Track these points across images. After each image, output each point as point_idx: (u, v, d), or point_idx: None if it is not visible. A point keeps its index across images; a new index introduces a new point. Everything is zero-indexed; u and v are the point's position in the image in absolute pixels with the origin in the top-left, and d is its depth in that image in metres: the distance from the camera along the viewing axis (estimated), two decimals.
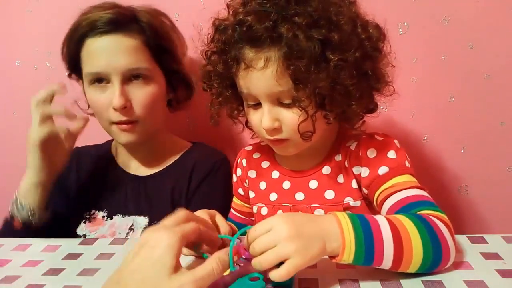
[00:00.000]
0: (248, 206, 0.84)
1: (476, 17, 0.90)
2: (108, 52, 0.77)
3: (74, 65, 0.83)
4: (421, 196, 0.61)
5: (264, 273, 0.49)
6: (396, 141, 0.69)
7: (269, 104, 0.63)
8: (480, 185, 1.00)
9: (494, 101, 0.94)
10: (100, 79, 0.78)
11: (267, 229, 0.49)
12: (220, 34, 0.65)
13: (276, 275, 0.47)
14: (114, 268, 0.59)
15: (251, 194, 0.81)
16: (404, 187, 0.62)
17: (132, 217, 0.86)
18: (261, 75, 0.61)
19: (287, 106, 0.63)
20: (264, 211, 0.77)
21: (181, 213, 0.52)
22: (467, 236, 0.63)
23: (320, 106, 0.62)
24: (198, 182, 0.88)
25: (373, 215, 0.53)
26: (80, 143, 0.91)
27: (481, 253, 0.58)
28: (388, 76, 0.66)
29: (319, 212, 0.71)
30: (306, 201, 0.73)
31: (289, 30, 0.57)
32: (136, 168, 0.92)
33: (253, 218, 0.83)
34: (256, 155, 0.82)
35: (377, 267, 0.51)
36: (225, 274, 0.52)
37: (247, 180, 0.82)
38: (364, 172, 0.68)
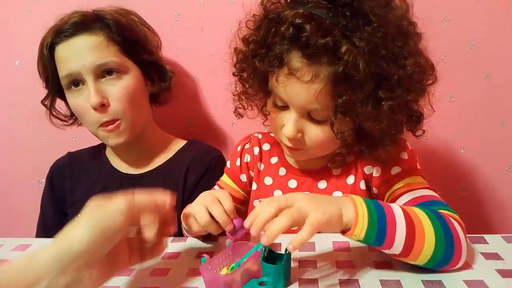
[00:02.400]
0: (243, 193, 0.81)
1: (476, 17, 0.90)
2: (76, 52, 0.77)
3: (54, 80, 0.82)
4: (434, 197, 0.61)
5: (273, 276, 0.50)
6: (407, 143, 0.69)
7: (298, 114, 0.60)
8: (480, 185, 1.00)
9: (494, 101, 0.94)
10: (75, 83, 0.79)
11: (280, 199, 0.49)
12: (270, 25, 0.58)
13: (298, 238, 0.46)
14: None
15: (253, 186, 0.78)
16: (416, 187, 0.62)
17: None
18: (303, 88, 0.56)
19: (316, 121, 0.60)
20: None
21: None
22: (467, 236, 0.63)
23: (356, 138, 0.61)
24: (195, 180, 0.87)
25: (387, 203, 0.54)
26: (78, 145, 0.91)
27: (481, 253, 0.58)
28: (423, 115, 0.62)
29: None
30: None
31: (350, 54, 0.52)
32: (129, 167, 0.91)
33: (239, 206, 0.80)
34: (266, 147, 0.79)
35: (386, 250, 0.51)
36: (222, 273, 0.52)
37: (254, 170, 0.79)
38: (376, 171, 0.67)
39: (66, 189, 0.92)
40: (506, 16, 0.89)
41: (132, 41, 0.83)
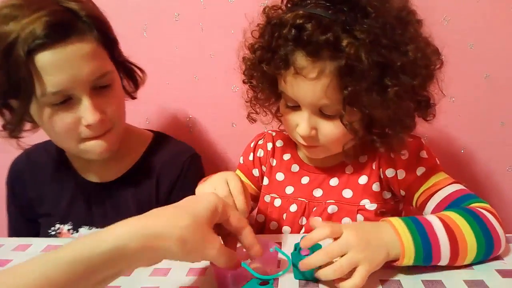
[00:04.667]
0: (255, 188, 0.82)
1: (476, 17, 0.90)
2: (67, 64, 0.63)
3: (14, 89, 0.63)
4: (463, 190, 0.63)
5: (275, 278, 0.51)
6: (423, 140, 0.69)
7: (310, 112, 0.62)
8: (480, 185, 1.00)
9: (494, 101, 0.94)
10: (63, 98, 0.65)
11: (336, 235, 0.50)
12: (273, 30, 0.61)
13: (351, 284, 0.48)
14: None
15: (265, 181, 0.79)
16: (445, 184, 0.64)
17: (100, 228, 0.73)
18: (310, 85, 0.58)
19: (328, 117, 0.62)
20: (277, 202, 0.76)
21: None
22: None
23: (366, 128, 0.62)
24: (169, 186, 0.81)
25: (424, 216, 0.55)
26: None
27: None
28: (434, 100, 0.64)
29: (332, 208, 0.70)
30: (323, 197, 0.72)
31: (351, 47, 0.54)
32: (96, 174, 0.81)
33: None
34: (279, 144, 0.80)
35: (435, 264, 0.52)
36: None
37: (266, 165, 0.80)
38: (401, 174, 0.67)
39: (31, 198, 0.84)
40: (506, 16, 0.89)
41: (113, 40, 0.73)
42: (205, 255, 0.46)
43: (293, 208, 0.74)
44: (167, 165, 0.82)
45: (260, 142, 0.82)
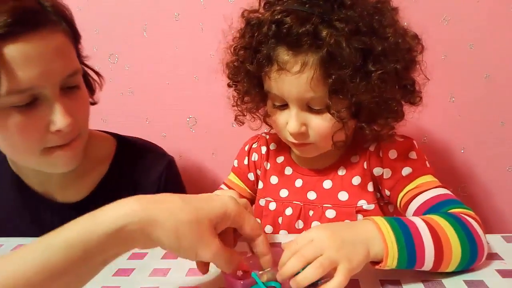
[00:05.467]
0: (250, 192, 0.82)
1: (476, 17, 0.90)
2: (40, 58, 0.56)
3: None
4: (447, 195, 0.61)
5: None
6: (414, 142, 0.69)
7: (298, 108, 0.61)
8: (480, 185, 1.00)
9: (494, 101, 0.94)
10: (29, 99, 0.58)
11: (308, 241, 0.48)
12: (253, 30, 0.62)
13: (334, 283, 0.44)
14: (114, 269, 0.59)
15: (260, 185, 0.79)
16: (429, 187, 0.62)
17: None
18: (295, 79, 0.58)
19: (316, 111, 0.61)
20: (272, 206, 0.76)
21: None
22: None
23: (354, 116, 0.62)
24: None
25: (408, 217, 0.53)
26: None
27: None
28: (419, 86, 0.64)
29: (330, 213, 0.70)
30: (318, 200, 0.72)
31: (331, 36, 0.54)
32: (60, 192, 0.71)
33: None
34: (272, 147, 0.80)
35: (418, 269, 0.50)
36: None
37: (261, 169, 0.79)
38: (387, 173, 0.67)
39: None
40: (506, 16, 0.89)
41: (78, 36, 0.66)
42: (197, 255, 0.45)
43: (289, 211, 0.74)
44: (141, 180, 0.74)
45: (254, 145, 0.82)
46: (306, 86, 0.58)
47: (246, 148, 0.83)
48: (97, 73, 0.73)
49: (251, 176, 0.81)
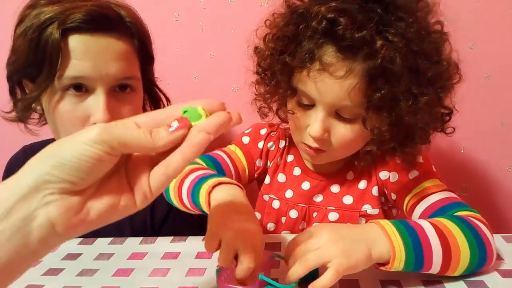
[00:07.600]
0: (247, 176, 0.75)
1: (476, 17, 0.90)
2: (98, 55, 0.63)
3: (37, 66, 0.62)
4: (454, 198, 0.60)
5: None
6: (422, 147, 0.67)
7: (326, 113, 0.58)
8: (480, 185, 1.00)
9: (494, 101, 0.94)
10: (79, 86, 0.64)
11: (307, 238, 0.47)
12: (298, 19, 0.57)
13: (320, 283, 0.44)
14: (114, 269, 0.59)
15: (267, 180, 0.75)
16: (435, 190, 0.61)
17: None
18: (335, 84, 0.55)
19: (343, 119, 0.59)
20: (276, 204, 0.74)
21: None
22: None
23: (392, 135, 0.58)
24: (164, 211, 0.76)
25: (415, 220, 0.52)
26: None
27: None
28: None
29: (333, 215, 0.70)
30: (323, 203, 0.71)
31: (386, 49, 0.52)
32: None
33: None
34: (287, 143, 0.76)
35: (425, 272, 0.49)
36: None
37: (273, 163, 0.75)
38: (393, 177, 0.66)
39: None
40: (506, 16, 0.89)
41: (150, 57, 0.73)
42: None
43: (293, 214, 0.73)
44: None
45: (272, 134, 0.76)
46: (345, 94, 0.55)
47: (263, 132, 0.76)
48: (166, 97, 0.81)
49: (258, 163, 0.76)
